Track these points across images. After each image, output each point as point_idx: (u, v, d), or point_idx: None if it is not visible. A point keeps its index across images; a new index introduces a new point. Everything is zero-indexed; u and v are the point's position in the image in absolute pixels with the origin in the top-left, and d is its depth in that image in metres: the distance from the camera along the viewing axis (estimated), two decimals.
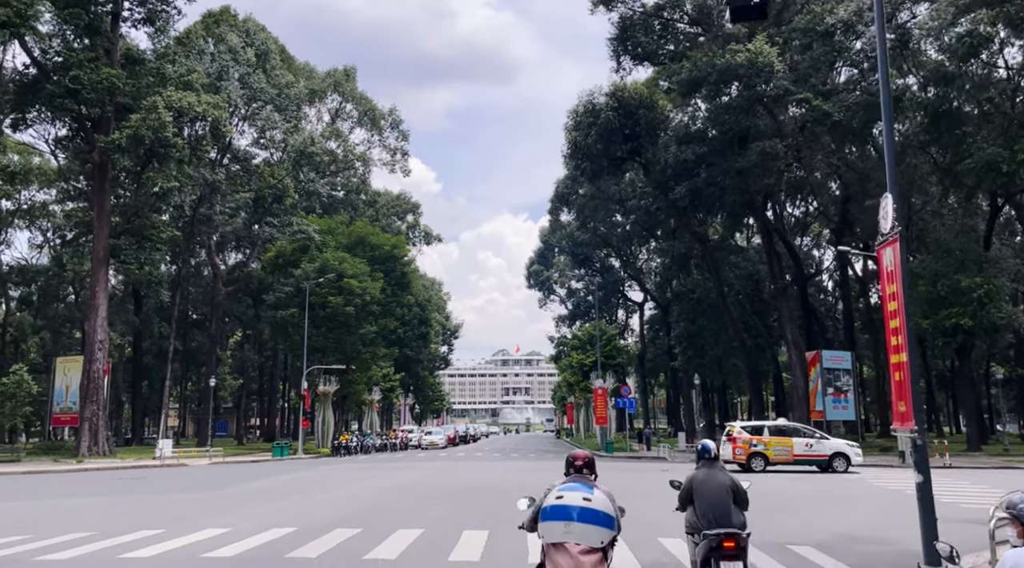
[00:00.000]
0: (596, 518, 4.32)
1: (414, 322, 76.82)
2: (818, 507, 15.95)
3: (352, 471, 28.16)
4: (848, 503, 16.83)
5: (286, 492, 19.27)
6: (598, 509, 4.35)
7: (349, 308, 47.47)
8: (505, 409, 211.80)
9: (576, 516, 4.29)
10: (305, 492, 19.18)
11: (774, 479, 24.04)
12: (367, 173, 68.24)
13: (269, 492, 19.38)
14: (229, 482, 22.82)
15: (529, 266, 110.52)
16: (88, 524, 13.11)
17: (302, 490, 19.84)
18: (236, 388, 74.16)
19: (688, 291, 53.88)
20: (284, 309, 47.88)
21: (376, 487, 20.31)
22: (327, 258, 48.70)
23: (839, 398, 45.16)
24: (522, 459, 39.10)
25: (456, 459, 38.73)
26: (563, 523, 4.30)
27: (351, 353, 50.64)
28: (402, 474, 26.07)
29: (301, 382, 46.26)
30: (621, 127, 48.89)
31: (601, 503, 4.36)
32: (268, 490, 20.00)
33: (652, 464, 33.84)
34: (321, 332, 48.30)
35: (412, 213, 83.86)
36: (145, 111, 38.65)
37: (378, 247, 55.98)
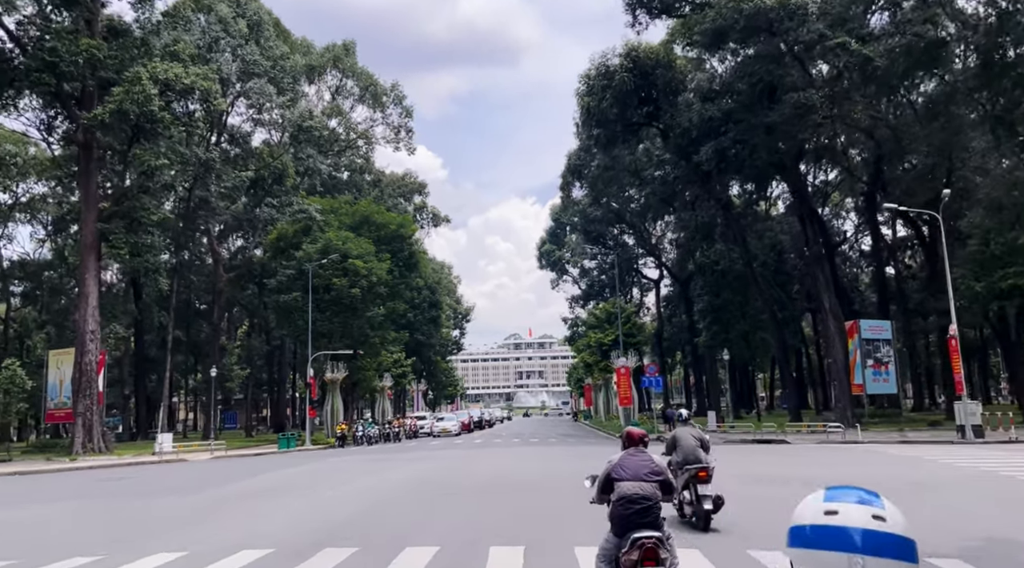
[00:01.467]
0: (895, 548, 1.81)
1: (424, 305, 74.30)
2: (910, 499, 13.21)
3: (359, 464, 25.64)
4: (941, 491, 14.08)
5: (276, 493, 16.70)
6: (896, 533, 1.84)
7: (355, 290, 44.89)
8: (519, 393, 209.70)
9: (863, 544, 1.78)
10: (298, 493, 16.58)
11: (799, 463, 21.33)
12: (370, 152, 65.43)
13: (257, 493, 16.80)
14: (220, 481, 20.33)
15: (540, 246, 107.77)
16: (8, 546, 10.56)
17: (296, 490, 17.25)
18: (244, 378, 72.02)
19: (712, 262, 51.00)
20: (287, 293, 45.34)
21: (381, 485, 17.64)
22: (330, 238, 46.08)
23: (879, 370, 42.31)
24: (543, 444, 36.53)
25: (473, 447, 36.12)
26: (844, 556, 1.79)
27: (359, 338, 48.13)
28: (414, 467, 23.49)
29: (307, 369, 43.80)
30: (637, 89, 45.91)
31: (897, 523, 1.83)
32: (257, 491, 17.40)
33: None
34: (326, 316, 45.77)
35: (419, 193, 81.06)
36: (128, 83, 36.00)
37: (384, 226, 53.31)
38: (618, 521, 5.61)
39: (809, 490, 1.90)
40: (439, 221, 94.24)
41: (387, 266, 50.22)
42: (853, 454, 24.54)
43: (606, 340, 57.85)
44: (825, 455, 24.25)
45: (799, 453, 26.06)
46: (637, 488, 5.61)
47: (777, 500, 11.93)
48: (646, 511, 5.54)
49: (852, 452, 25.45)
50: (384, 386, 63.66)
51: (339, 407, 49.13)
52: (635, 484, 5.63)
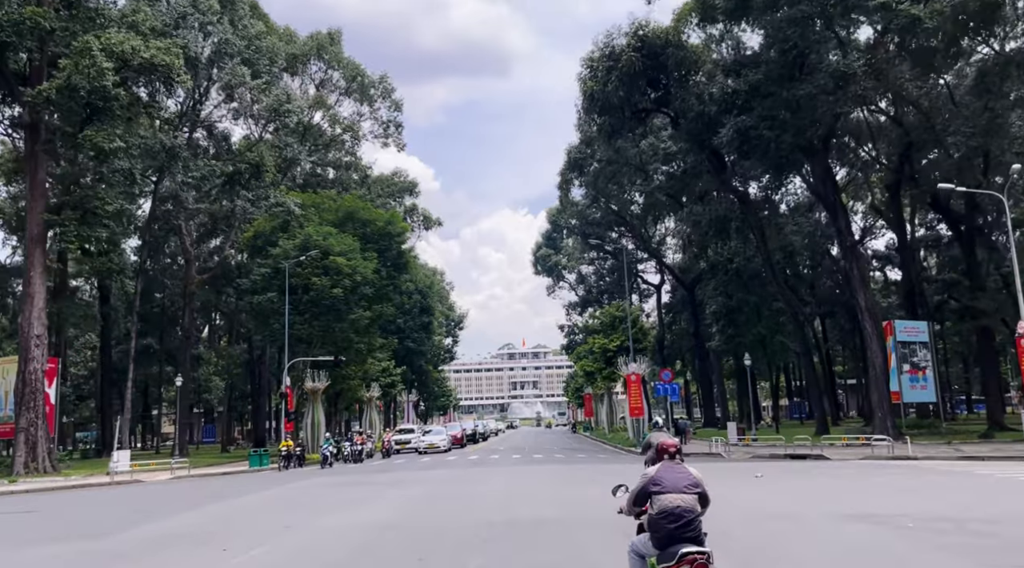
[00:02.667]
0: None
1: (415, 311, 70.07)
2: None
3: (329, 491, 21.25)
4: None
5: (181, 544, 12.01)
6: None
7: (336, 290, 40.67)
8: (514, 404, 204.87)
9: None
10: (221, 543, 11.93)
11: (869, 488, 17.20)
12: (356, 147, 61.24)
13: (159, 543, 12.20)
14: (139, 517, 15.90)
15: (536, 251, 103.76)
16: None
17: (210, 542, 11.84)
18: (223, 390, 67.56)
19: (726, 260, 47.01)
20: (261, 294, 41.10)
21: (347, 531, 12.66)
22: (309, 233, 41.91)
23: (917, 376, 38.26)
24: (550, 461, 32.26)
25: (468, 465, 31.67)
26: None
27: (342, 343, 43.85)
28: (396, 496, 19.12)
29: (283, 377, 39.49)
30: (645, 71, 42.03)
31: None
32: (161, 538, 12.64)
33: (716, 463, 27.03)
34: (305, 319, 41.51)
35: (409, 193, 76.87)
36: (76, 55, 31.84)
37: (370, 223, 49.12)
38: (660, 535, 5.59)
39: (947, 539, 0.93)
40: (431, 224, 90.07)
41: (373, 266, 46.05)
42: (924, 475, 20.47)
43: (611, 346, 53.74)
44: (892, 477, 20.14)
45: (854, 474, 21.95)
46: (679, 500, 5.58)
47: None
48: (689, 524, 5.53)
49: (919, 472, 21.37)
50: (372, 397, 59.40)
51: (320, 420, 44.80)
52: (676, 496, 5.61)
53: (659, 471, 5.77)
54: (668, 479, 5.66)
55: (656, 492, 5.63)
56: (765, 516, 12.54)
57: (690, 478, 5.71)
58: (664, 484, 5.62)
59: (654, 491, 5.64)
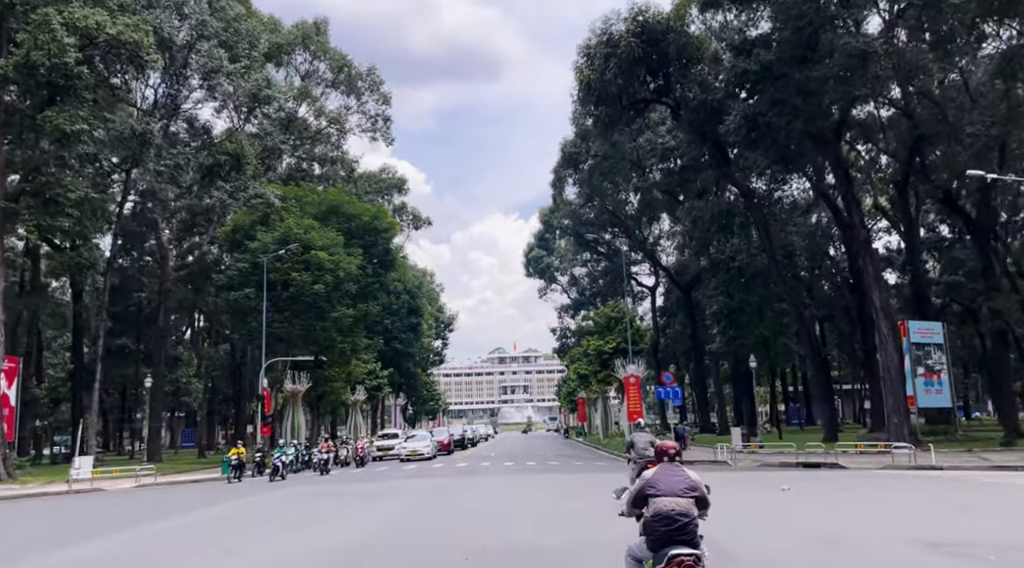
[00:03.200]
0: None
1: (402, 311, 67.75)
2: None
3: (290, 505, 18.85)
4: None
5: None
6: None
7: (317, 286, 38.34)
8: (504, 408, 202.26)
9: None
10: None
11: (907, 504, 15.06)
12: (342, 140, 58.89)
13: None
14: (50, 538, 13.61)
15: (528, 252, 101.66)
16: None
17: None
18: (202, 392, 64.98)
19: (727, 259, 44.95)
20: (238, 290, 38.73)
21: (303, 558, 10.34)
22: (289, 226, 39.58)
23: (931, 380, 36.25)
24: (545, 469, 29.98)
25: (456, 474, 29.31)
26: None
27: (324, 343, 41.52)
28: (368, 513, 16.74)
29: (260, 378, 37.10)
30: (645, 58, 40.10)
31: None
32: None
33: (724, 473, 24.87)
34: (285, 317, 39.16)
35: (398, 191, 74.52)
36: (36, 29, 29.52)
37: (355, 217, 46.79)
38: (654, 537, 5.56)
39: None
40: (420, 223, 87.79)
41: (358, 262, 43.73)
42: (963, 488, 18.37)
43: (607, 347, 51.58)
44: (931, 491, 18.05)
45: (886, 486, 19.83)
46: (673, 504, 5.54)
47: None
48: (683, 528, 5.47)
49: (957, 485, 19.27)
50: (357, 400, 57.05)
51: (301, 423, 42.40)
52: (671, 500, 5.55)
53: (656, 474, 5.80)
54: (664, 482, 5.67)
55: (652, 495, 5.65)
56: (821, 541, 10.39)
57: (687, 481, 5.70)
58: (660, 487, 5.64)
59: (650, 493, 5.67)
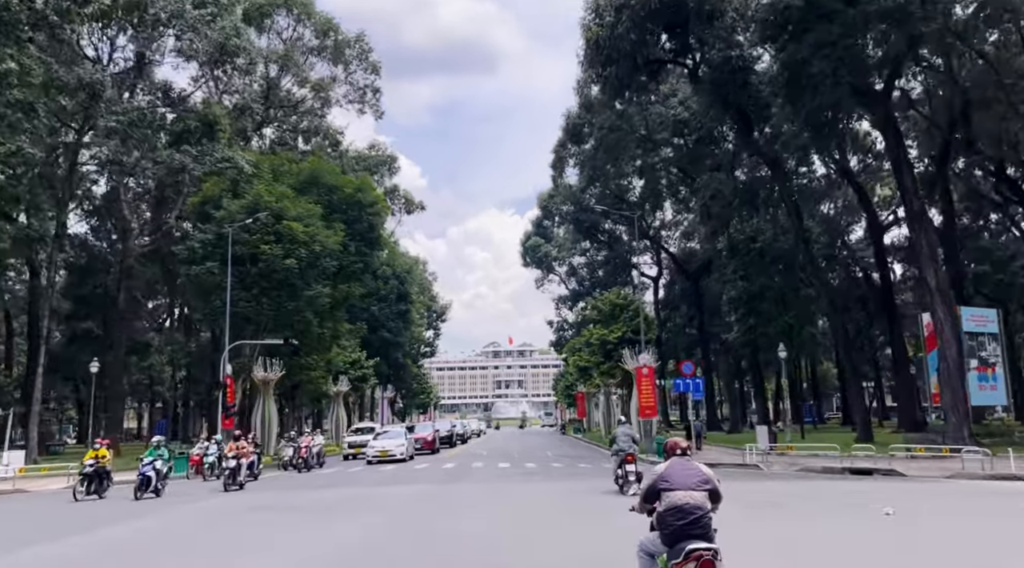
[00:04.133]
0: None
1: (391, 298, 63.28)
2: None
3: (170, 539, 14.34)
4: None
5: None
6: None
7: (289, 261, 33.86)
8: (498, 403, 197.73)
9: None
10: None
11: None
12: (326, 110, 54.31)
13: None
14: None
15: (524, 241, 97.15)
16: None
17: None
18: (175, 381, 60.58)
19: (748, 239, 40.63)
20: (200, 263, 34.22)
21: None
22: (259, 193, 35.08)
23: (985, 374, 32.00)
24: (548, 474, 25.51)
25: (440, 479, 24.35)
26: None
27: (298, 326, 37.05)
28: (304, 543, 12.33)
29: (221, 363, 32.59)
30: (662, 9, 35.74)
31: None
32: None
33: (763, 482, 20.51)
34: (253, 296, 34.66)
35: (388, 168, 69.94)
36: None
37: (337, 189, 42.28)
38: (668, 531, 5.54)
39: None
40: (413, 207, 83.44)
41: (339, 238, 39.30)
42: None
43: (611, 337, 47.16)
44: None
45: (1000, 505, 15.49)
46: (688, 498, 5.54)
47: None
48: (697, 521, 5.47)
49: None
50: (339, 391, 52.42)
51: (272, 416, 37.94)
52: (685, 494, 5.55)
53: (668, 468, 5.76)
54: (677, 476, 5.64)
55: (665, 489, 5.61)
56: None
57: (700, 475, 5.68)
58: (673, 481, 5.61)
59: (663, 488, 5.63)
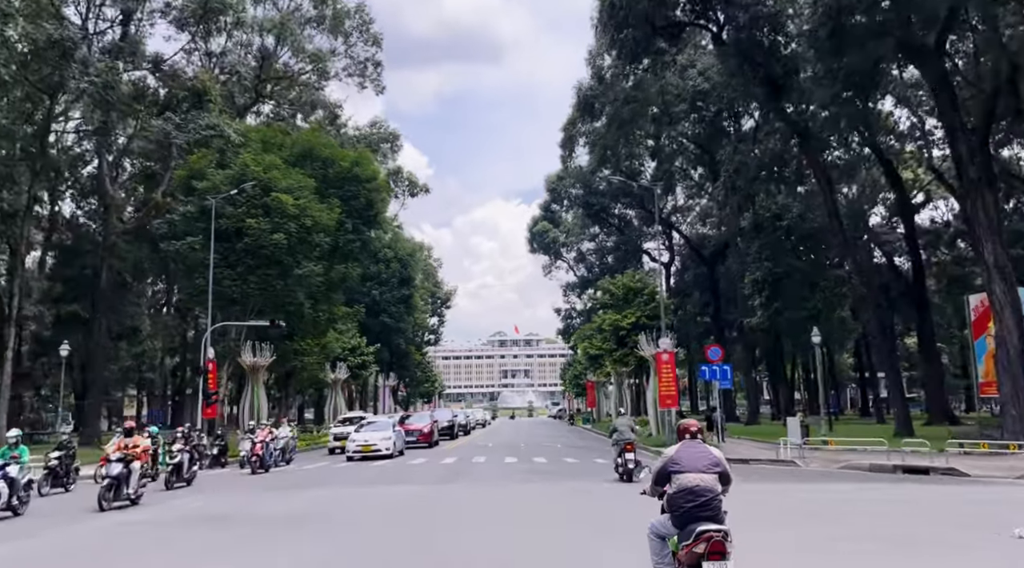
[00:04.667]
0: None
1: (393, 281, 60.58)
2: None
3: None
4: None
5: None
6: None
7: (277, 236, 31.12)
8: (504, 393, 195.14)
9: None
10: None
11: None
12: (323, 83, 51.39)
13: None
14: None
15: (532, 226, 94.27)
16: None
17: None
18: (159, 366, 58.11)
19: (773, 217, 37.71)
20: (181, 238, 31.53)
21: None
22: (246, 163, 32.32)
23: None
24: (562, 471, 22.65)
25: (436, 478, 20.64)
26: None
27: (289, 307, 34.36)
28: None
29: (203, 346, 29.91)
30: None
31: None
32: None
33: (806, 484, 17.72)
34: (239, 274, 31.94)
35: (391, 146, 66.98)
36: None
37: (332, 163, 39.44)
38: (679, 513, 5.60)
39: None
40: (417, 190, 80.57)
41: (335, 215, 36.53)
42: None
43: (625, 323, 44.34)
44: None
45: None
46: (698, 480, 5.59)
47: None
48: (708, 504, 5.52)
49: None
50: (337, 378, 49.82)
51: (261, 404, 35.24)
52: (696, 476, 5.61)
53: (679, 451, 5.85)
54: (687, 458, 5.72)
55: (675, 471, 5.70)
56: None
57: (710, 457, 5.76)
58: (683, 463, 5.70)
59: (673, 470, 5.72)
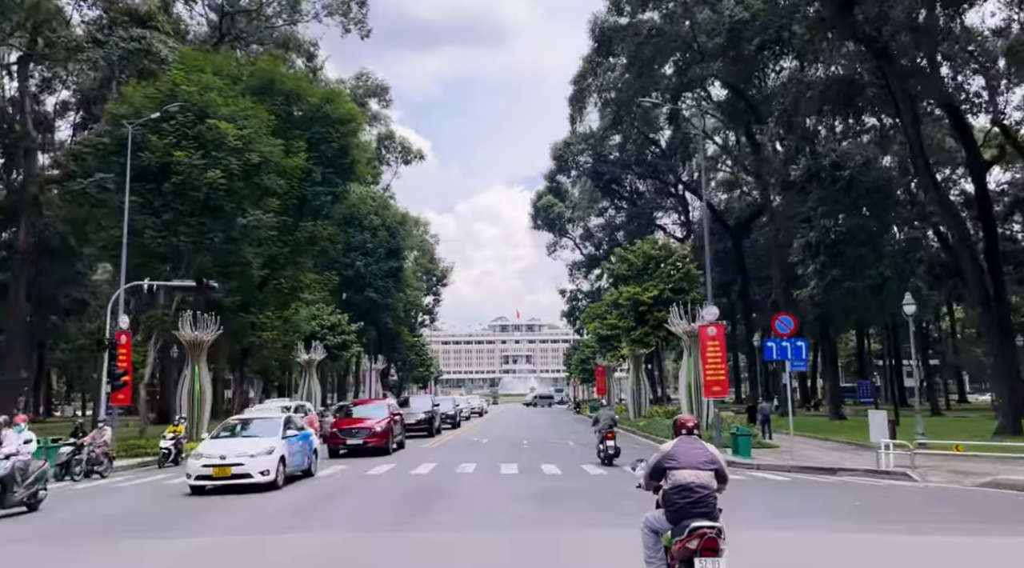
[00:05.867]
0: None
1: (380, 252, 53.74)
2: None
3: None
4: None
5: None
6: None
7: (213, 173, 24.21)
8: (505, 378, 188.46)
9: None
10: None
11: None
12: (297, 17, 44.27)
13: None
14: None
15: (536, 200, 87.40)
16: None
17: None
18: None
19: (832, 166, 30.80)
20: (90, 175, 24.67)
21: None
22: (175, 81, 25.41)
23: None
24: (583, 500, 16.06)
25: (371, 524, 11.26)
26: None
27: (234, 268, 27.52)
28: None
29: (116, 311, 23.12)
30: None
31: None
32: None
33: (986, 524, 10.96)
34: (165, 222, 25.09)
35: (379, 100, 59.93)
36: None
37: (298, 98, 32.50)
38: (673, 509, 5.60)
39: None
40: (411, 156, 73.70)
41: (299, 161, 29.73)
42: None
43: (645, 296, 37.46)
44: None
45: None
46: (694, 477, 5.58)
47: None
48: (702, 500, 5.52)
49: None
50: (312, 359, 42.84)
51: (204, 389, 28.40)
52: (692, 472, 5.60)
53: (675, 447, 5.82)
54: (684, 455, 5.70)
55: (671, 467, 5.68)
56: None
57: (706, 454, 5.73)
58: (679, 459, 5.67)
59: (669, 466, 5.70)
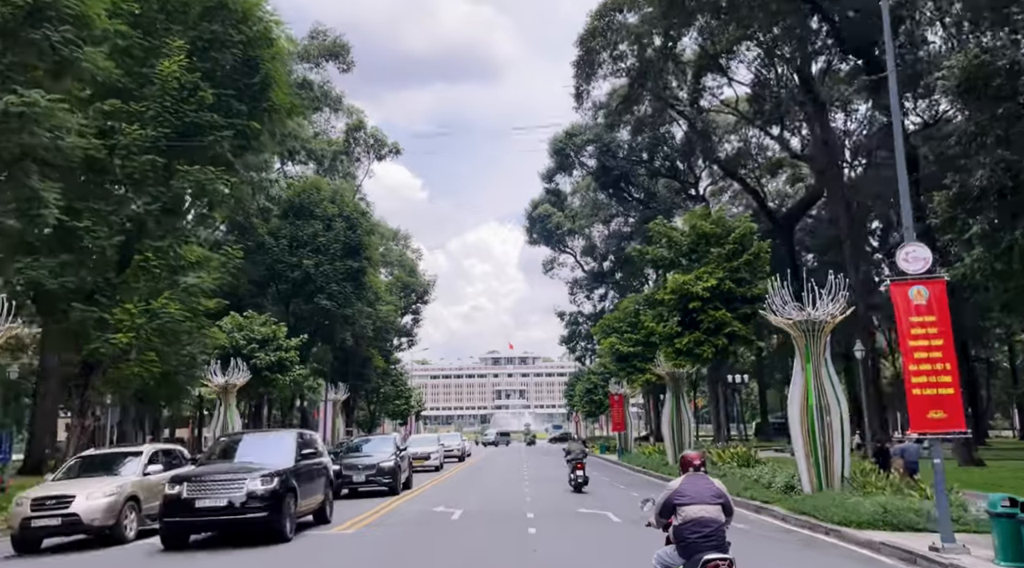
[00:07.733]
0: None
1: (333, 249, 41.76)
2: None
3: None
4: None
5: None
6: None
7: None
8: (498, 414, 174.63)
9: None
10: None
11: None
12: None
13: None
14: None
15: (531, 210, 76.14)
16: None
17: None
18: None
19: (1012, 66, 19.27)
20: None
21: None
22: None
23: None
24: None
25: None
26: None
27: (30, 212, 15.60)
28: None
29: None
30: None
31: None
32: None
33: None
34: None
35: (339, 62, 48.42)
36: None
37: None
38: (684, 544, 5.85)
39: None
40: (385, 149, 62.38)
41: (172, 68, 18.20)
42: None
43: (699, 288, 25.62)
44: None
45: None
46: (703, 511, 5.84)
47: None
48: (713, 534, 5.79)
49: None
50: (230, 384, 30.11)
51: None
52: (701, 508, 5.87)
53: (683, 483, 6.11)
54: (692, 490, 5.99)
55: (681, 503, 5.96)
56: None
57: (713, 489, 6.05)
58: (688, 495, 5.95)
59: (679, 502, 5.98)
